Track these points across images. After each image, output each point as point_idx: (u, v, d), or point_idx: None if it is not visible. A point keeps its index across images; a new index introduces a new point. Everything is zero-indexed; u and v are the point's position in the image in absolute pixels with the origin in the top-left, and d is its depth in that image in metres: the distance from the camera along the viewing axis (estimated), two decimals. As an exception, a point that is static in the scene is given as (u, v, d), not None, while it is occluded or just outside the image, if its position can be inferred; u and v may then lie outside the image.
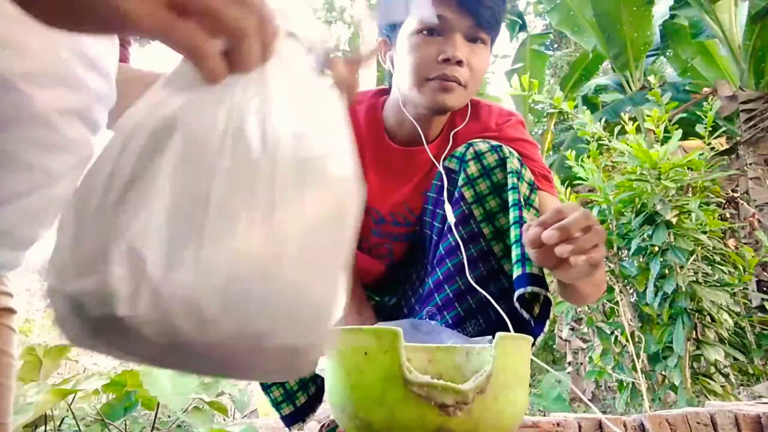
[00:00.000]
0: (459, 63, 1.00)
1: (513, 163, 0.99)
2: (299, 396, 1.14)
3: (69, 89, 0.54)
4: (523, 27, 7.06)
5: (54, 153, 0.54)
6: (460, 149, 1.04)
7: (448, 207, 1.00)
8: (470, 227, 0.99)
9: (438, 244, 1.02)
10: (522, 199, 0.95)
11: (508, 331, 0.91)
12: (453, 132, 1.14)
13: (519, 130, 1.14)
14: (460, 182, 1.00)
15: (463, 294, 0.96)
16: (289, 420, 1.14)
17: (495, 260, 0.98)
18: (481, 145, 1.01)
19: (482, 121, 1.16)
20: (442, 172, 1.05)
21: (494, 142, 1.02)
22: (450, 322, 0.97)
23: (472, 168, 1.00)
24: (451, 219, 0.99)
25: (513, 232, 0.94)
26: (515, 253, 0.92)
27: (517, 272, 0.90)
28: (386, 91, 1.21)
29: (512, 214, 0.94)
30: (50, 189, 0.56)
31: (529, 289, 0.88)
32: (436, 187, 1.07)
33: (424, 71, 1.02)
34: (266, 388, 1.13)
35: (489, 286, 0.97)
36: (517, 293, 0.89)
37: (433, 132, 1.14)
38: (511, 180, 0.97)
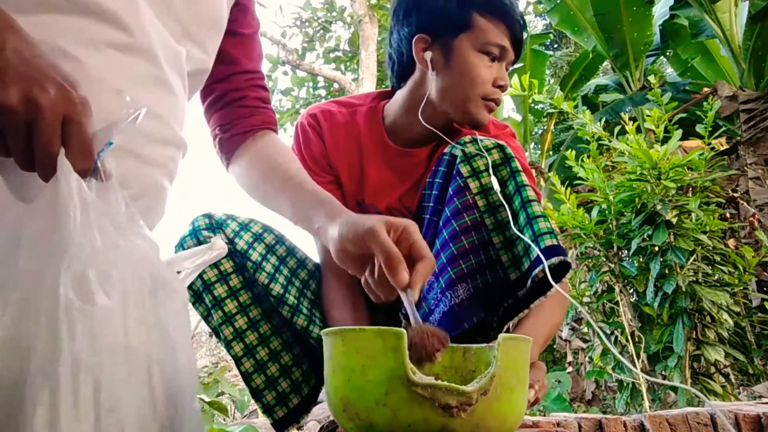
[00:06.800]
0: (503, 89, 1.15)
1: (509, 150, 1.05)
2: (292, 398, 1.14)
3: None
4: (523, 27, 7.04)
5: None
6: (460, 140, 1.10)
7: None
8: (479, 227, 1.02)
9: (435, 226, 1.08)
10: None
11: (498, 295, 0.98)
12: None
13: (514, 143, 1.22)
14: (465, 173, 1.04)
15: (455, 259, 1.00)
16: (283, 424, 1.14)
17: (493, 250, 1.01)
18: (477, 135, 1.09)
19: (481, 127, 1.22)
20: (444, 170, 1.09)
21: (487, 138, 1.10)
22: (444, 285, 1.01)
23: (472, 148, 1.06)
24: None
25: (534, 208, 0.97)
26: (541, 226, 0.95)
27: (548, 242, 0.93)
28: (385, 95, 1.27)
29: (524, 194, 0.99)
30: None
31: (561, 258, 0.92)
32: (432, 183, 1.13)
33: (483, 91, 1.12)
34: (258, 393, 1.12)
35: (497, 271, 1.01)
36: (548, 262, 0.90)
37: (433, 134, 1.19)
38: (513, 164, 1.03)
